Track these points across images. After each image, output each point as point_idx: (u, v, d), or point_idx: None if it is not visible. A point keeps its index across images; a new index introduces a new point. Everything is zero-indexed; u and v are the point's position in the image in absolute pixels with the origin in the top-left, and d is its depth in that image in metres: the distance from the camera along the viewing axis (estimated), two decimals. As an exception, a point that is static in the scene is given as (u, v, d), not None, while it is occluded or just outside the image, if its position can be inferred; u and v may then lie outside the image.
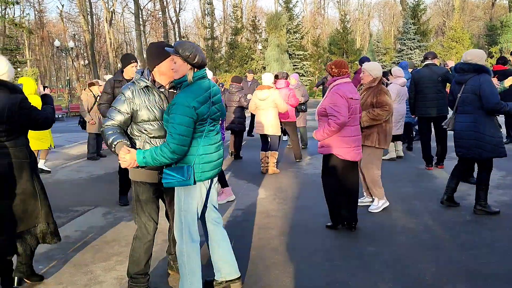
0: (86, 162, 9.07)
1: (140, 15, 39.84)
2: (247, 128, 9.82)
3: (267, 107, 7.35)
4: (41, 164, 8.22)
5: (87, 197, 6.21)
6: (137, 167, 2.86)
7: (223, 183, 5.62)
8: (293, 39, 34.62)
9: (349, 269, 3.54)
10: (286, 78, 8.44)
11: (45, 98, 3.81)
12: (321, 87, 13.89)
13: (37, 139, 7.91)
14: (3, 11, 41.45)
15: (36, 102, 8.51)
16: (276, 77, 8.36)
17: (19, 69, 34.90)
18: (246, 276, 3.45)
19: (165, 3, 42.91)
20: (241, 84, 8.62)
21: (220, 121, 3.11)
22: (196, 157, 2.84)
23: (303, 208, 5.30)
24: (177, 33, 47.80)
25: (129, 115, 2.94)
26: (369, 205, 5.13)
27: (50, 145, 7.87)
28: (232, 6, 42.94)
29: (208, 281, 3.22)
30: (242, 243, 4.20)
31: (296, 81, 9.36)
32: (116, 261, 3.84)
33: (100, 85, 9.23)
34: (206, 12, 44.34)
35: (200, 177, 2.87)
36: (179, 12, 48.14)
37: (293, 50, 34.20)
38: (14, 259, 3.32)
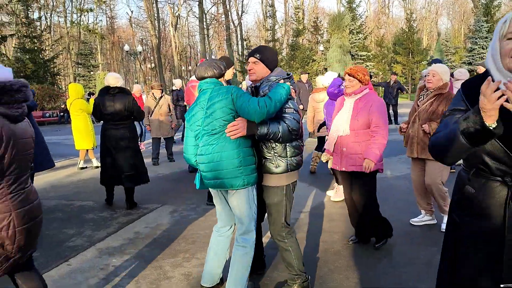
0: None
1: (204, 19, 40.90)
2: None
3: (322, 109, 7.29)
4: (81, 164, 8.78)
5: (155, 196, 6.49)
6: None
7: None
8: (356, 39, 33.96)
9: (415, 276, 3.44)
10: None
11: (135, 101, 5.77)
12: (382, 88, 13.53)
13: (82, 140, 8.52)
14: (79, 18, 44.34)
15: (82, 105, 9.13)
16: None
17: (91, 73, 37.08)
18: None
19: (228, 6, 43.74)
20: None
21: None
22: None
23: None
24: (239, 35, 48.60)
25: None
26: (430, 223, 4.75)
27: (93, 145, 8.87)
28: (294, 8, 42.91)
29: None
30: (305, 246, 4.21)
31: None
32: (183, 258, 3.99)
33: (159, 89, 9.33)
34: (267, 15, 44.70)
35: None
36: (242, 15, 49.09)
37: (356, 51, 33.54)
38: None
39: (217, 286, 3.28)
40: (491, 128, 1.52)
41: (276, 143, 2.99)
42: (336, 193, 5.95)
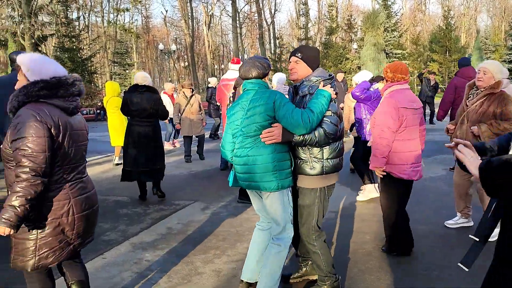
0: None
1: (237, 18, 41.11)
2: None
3: None
4: (116, 160, 8.98)
5: (187, 192, 6.59)
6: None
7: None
8: (390, 37, 33.34)
9: (448, 280, 3.36)
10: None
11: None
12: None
13: (118, 137, 8.73)
14: (115, 18, 45.43)
15: (118, 103, 9.35)
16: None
17: (127, 71, 37.93)
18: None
19: (261, 5, 43.77)
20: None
21: None
22: None
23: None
24: (271, 34, 48.57)
25: None
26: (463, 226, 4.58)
27: None
28: (327, 6, 42.50)
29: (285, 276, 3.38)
30: (336, 246, 4.18)
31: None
32: (214, 255, 4.04)
33: (189, 87, 9.43)
34: (300, 13, 44.47)
35: None
36: (274, 13, 48.97)
37: (391, 49, 32.93)
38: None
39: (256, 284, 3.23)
40: None
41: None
42: (362, 193, 5.88)
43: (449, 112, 7.13)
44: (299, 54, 3.03)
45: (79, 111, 2.52)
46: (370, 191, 5.85)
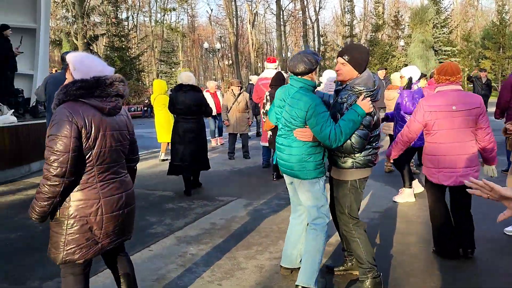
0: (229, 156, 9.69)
1: (281, 16, 41.06)
2: None
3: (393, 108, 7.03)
4: (162, 156, 9.17)
5: (231, 189, 6.69)
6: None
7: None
8: (440, 34, 32.27)
9: (494, 283, 3.24)
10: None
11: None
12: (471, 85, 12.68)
13: (164, 133, 8.93)
14: (162, 17, 46.53)
15: (165, 100, 9.56)
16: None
17: (173, 69, 38.80)
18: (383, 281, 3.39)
19: (305, 2, 43.50)
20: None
21: None
22: None
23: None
24: (315, 32, 48.17)
25: None
26: None
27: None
28: (374, 2, 41.65)
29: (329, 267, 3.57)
30: (379, 246, 4.12)
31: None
32: (256, 251, 4.09)
33: (237, 85, 9.52)
34: (346, 10, 43.84)
35: None
36: (319, 10, 48.52)
37: (440, 46, 31.89)
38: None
39: (297, 269, 3.34)
40: None
41: None
42: (400, 195, 5.75)
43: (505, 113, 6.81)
44: (346, 57, 3.01)
45: (119, 112, 2.48)
46: (408, 195, 5.69)
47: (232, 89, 9.55)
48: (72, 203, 2.31)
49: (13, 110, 8.43)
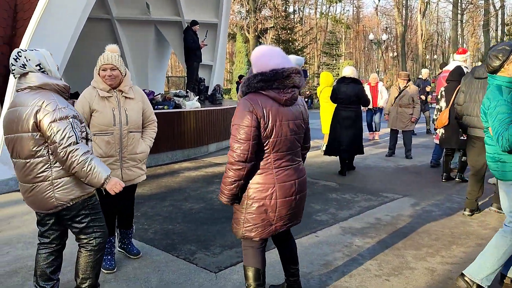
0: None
1: (459, 3, 37.50)
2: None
3: None
4: (324, 147, 9.12)
5: (396, 186, 6.47)
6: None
7: None
8: None
9: None
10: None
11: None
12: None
13: (328, 125, 8.90)
14: (327, 10, 46.79)
15: (330, 93, 9.42)
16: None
17: (335, 61, 38.78)
18: None
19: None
20: None
21: None
22: None
23: None
24: (499, 20, 42.73)
25: None
26: None
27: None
28: None
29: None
30: None
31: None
32: (426, 253, 3.91)
33: (404, 79, 8.94)
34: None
35: None
36: (505, -4, 42.78)
37: None
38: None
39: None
40: None
41: None
42: None
43: None
44: None
45: (295, 102, 2.60)
46: None
47: (398, 82, 9.12)
48: (251, 185, 2.58)
49: (198, 97, 9.52)
